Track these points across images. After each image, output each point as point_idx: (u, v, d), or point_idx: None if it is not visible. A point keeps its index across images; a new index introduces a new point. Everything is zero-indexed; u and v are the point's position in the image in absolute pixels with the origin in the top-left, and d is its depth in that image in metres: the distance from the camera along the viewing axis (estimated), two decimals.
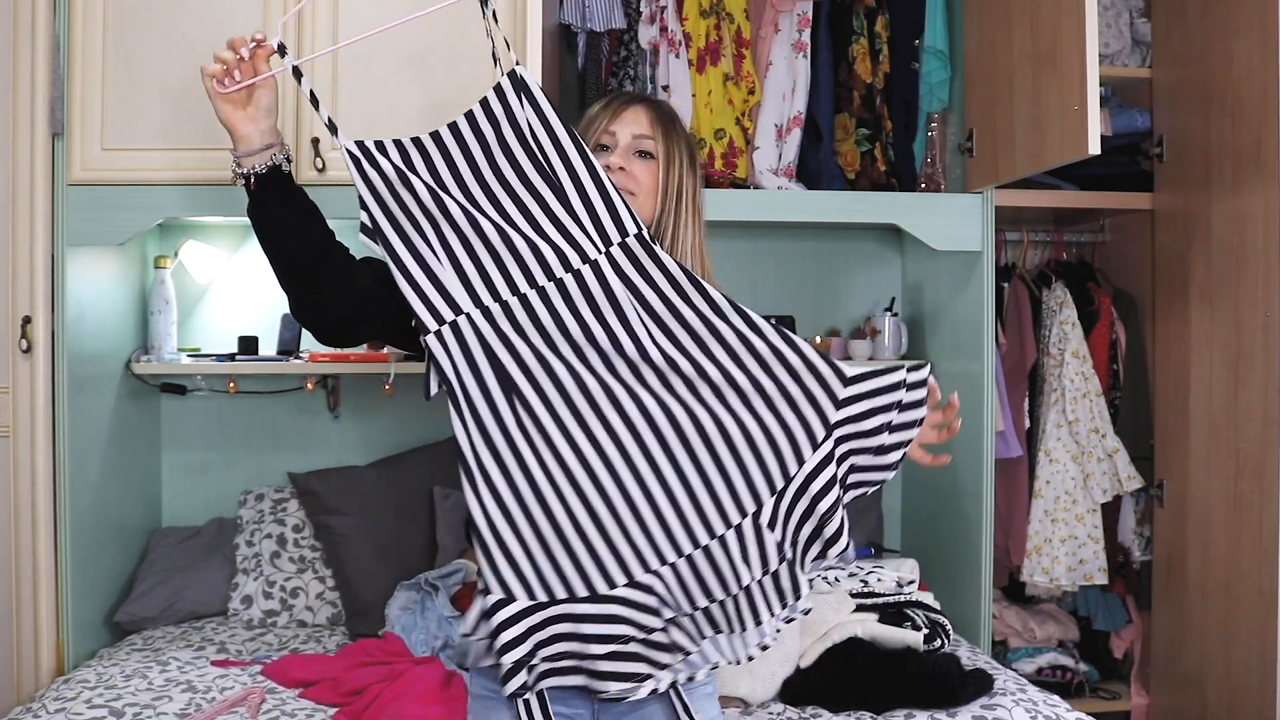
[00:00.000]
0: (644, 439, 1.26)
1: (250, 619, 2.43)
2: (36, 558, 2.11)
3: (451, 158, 1.34)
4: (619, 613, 1.27)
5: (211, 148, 2.14)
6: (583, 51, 2.50)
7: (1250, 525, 2.26)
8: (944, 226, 2.39)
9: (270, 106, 1.38)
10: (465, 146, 1.35)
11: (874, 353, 2.72)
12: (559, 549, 1.26)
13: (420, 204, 1.31)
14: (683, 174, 1.49)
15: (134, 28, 2.13)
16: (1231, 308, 2.33)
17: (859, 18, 2.54)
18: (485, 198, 1.33)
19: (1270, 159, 2.18)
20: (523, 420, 1.27)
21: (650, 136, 1.48)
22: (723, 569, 1.27)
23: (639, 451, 1.26)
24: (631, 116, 1.49)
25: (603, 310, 1.29)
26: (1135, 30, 2.70)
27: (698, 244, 1.50)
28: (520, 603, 1.25)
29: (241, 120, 1.37)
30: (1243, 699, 2.28)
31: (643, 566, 1.26)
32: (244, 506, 2.61)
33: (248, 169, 1.37)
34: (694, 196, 1.50)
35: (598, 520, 1.25)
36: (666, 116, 1.52)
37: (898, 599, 2.16)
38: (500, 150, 1.34)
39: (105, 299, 2.34)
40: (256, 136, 1.37)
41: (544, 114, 1.34)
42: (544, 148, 1.34)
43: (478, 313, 1.29)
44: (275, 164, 1.38)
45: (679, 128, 1.52)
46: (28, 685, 2.12)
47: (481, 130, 1.34)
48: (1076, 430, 2.63)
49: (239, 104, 1.37)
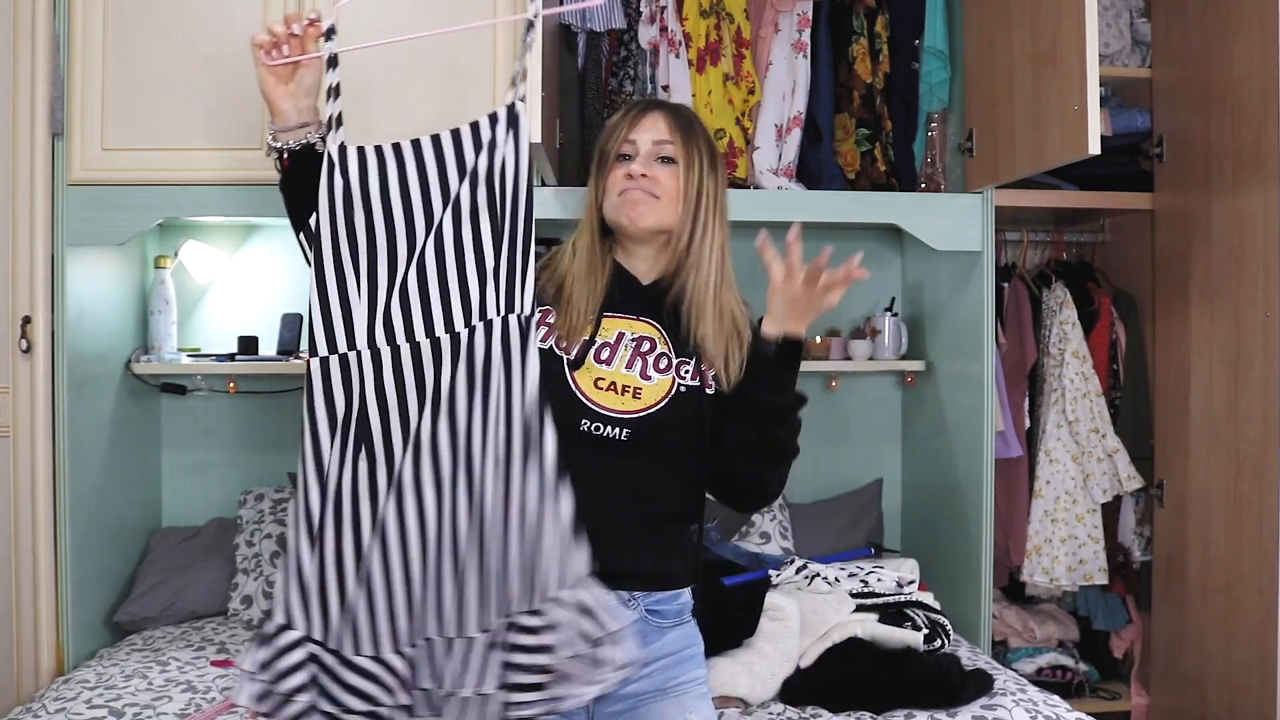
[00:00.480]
0: (436, 532, 1.27)
1: (250, 619, 2.43)
2: (36, 558, 2.11)
3: (408, 173, 1.34)
4: (372, 676, 1.28)
5: (212, 148, 2.15)
6: (583, 51, 2.50)
7: (1250, 525, 2.26)
8: (944, 226, 2.39)
9: (312, 86, 1.40)
10: (439, 160, 1.34)
11: (874, 353, 2.72)
12: (341, 602, 1.27)
13: (367, 227, 1.32)
14: (703, 177, 1.50)
15: (134, 28, 2.13)
16: (1231, 308, 2.33)
17: (859, 18, 2.54)
18: (424, 220, 1.33)
19: (1270, 159, 2.18)
20: (358, 474, 1.28)
21: (670, 141, 1.49)
22: (444, 670, 1.27)
23: (432, 543, 1.27)
24: (650, 123, 1.50)
25: (457, 380, 1.28)
26: (1135, 30, 2.70)
27: (720, 245, 1.51)
28: (298, 632, 1.28)
29: (282, 95, 1.39)
30: (1243, 699, 2.27)
31: (393, 645, 1.28)
32: (244, 506, 2.61)
33: (282, 144, 1.40)
34: (716, 198, 1.51)
35: (372, 592, 1.27)
36: (685, 121, 1.52)
37: (898, 599, 2.16)
38: (467, 175, 1.33)
39: (105, 299, 2.34)
40: (294, 113, 1.39)
41: (520, 158, 1.34)
42: (505, 188, 1.33)
43: (368, 353, 1.30)
44: (310, 143, 1.40)
45: (699, 130, 1.53)
46: (28, 685, 2.12)
47: (462, 148, 1.34)
48: (1076, 430, 2.63)
49: (282, 79, 1.38)
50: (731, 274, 1.53)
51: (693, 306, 1.48)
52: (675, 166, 1.49)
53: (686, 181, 1.48)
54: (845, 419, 2.90)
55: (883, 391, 2.92)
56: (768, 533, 2.64)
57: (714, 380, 1.49)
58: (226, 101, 2.14)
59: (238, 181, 2.16)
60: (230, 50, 2.14)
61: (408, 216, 1.33)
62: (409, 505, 1.27)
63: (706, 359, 1.48)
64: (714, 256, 1.50)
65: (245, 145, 2.15)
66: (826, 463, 2.88)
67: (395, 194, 1.33)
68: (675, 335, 1.49)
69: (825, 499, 2.84)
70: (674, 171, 1.48)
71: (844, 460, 2.90)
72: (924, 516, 2.78)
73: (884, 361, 2.73)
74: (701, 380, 1.48)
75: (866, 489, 2.85)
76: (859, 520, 2.77)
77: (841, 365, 2.70)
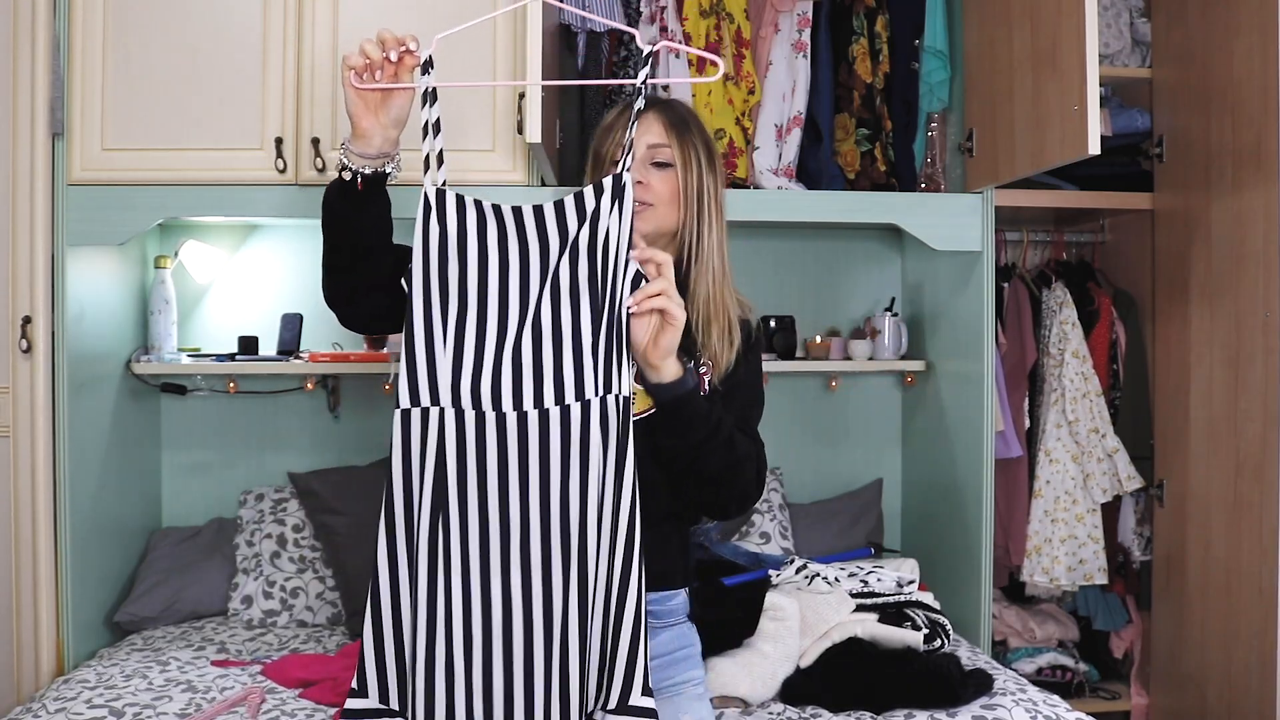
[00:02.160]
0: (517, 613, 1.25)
1: (250, 619, 2.43)
2: (36, 558, 2.11)
3: (508, 235, 1.30)
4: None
5: (212, 148, 2.15)
6: (583, 52, 2.50)
7: (1250, 525, 2.26)
8: (944, 226, 2.39)
9: (400, 118, 1.33)
10: (541, 229, 1.30)
11: (874, 353, 2.72)
12: (421, 674, 1.26)
13: (460, 278, 1.28)
14: (702, 177, 1.47)
15: (134, 28, 2.13)
16: (1231, 308, 2.33)
17: (859, 18, 2.54)
18: (519, 286, 1.29)
19: (1270, 159, 2.18)
20: (435, 538, 1.26)
21: (665, 145, 1.46)
22: None
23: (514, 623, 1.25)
24: (644, 126, 1.47)
25: (550, 457, 1.25)
26: (1135, 30, 2.70)
27: (720, 241, 1.49)
28: (372, 701, 1.28)
29: (370, 121, 1.32)
30: (1243, 699, 2.28)
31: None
32: (244, 506, 2.61)
33: (357, 168, 1.33)
34: (715, 196, 1.49)
35: (452, 670, 1.25)
36: (680, 120, 1.49)
37: (898, 599, 2.16)
38: (568, 246, 1.29)
39: (105, 299, 2.34)
40: (377, 141, 1.32)
41: (623, 230, 1.29)
42: (607, 262, 1.29)
43: (451, 411, 1.26)
44: (384, 172, 1.35)
45: (694, 128, 1.50)
46: (28, 685, 2.12)
47: (565, 218, 1.30)
48: (1076, 430, 2.63)
49: (371, 106, 1.32)
50: (731, 271, 1.52)
51: (705, 305, 1.47)
52: (671, 170, 1.47)
53: (686, 182, 1.47)
54: (845, 419, 2.91)
55: (883, 391, 2.92)
56: (768, 533, 2.64)
57: (709, 378, 1.48)
58: (226, 101, 2.15)
59: (238, 181, 2.17)
60: (230, 50, 2.14)
61: (503, 280, 1.29)
62: (494, 581, 1.24)
63: (709, 357, 1.47)
64: (716, 253, 1.49)
65: (245, 145, 2.15)
66: (826, 463, 2.89)
67: (494, 254, 1.29)
68: (695, 346, 1.48)
69: (825, 499, 2.84)
70: (669, 176, 1.47)
71: (844, 460, 2.90)
72: (924, 516, 2.78)
73: (884, 361, 2.73)
74: (699, 382, 1.47)
75: (866, 489, 2.85)
76: (859, 520, 2.77)
77: (841, 365, 2.70)
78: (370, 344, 2.54)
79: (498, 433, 1.25)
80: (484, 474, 1.25)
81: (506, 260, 1.29)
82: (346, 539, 2.43)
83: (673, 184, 1.47)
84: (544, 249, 1.29)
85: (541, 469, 1.24)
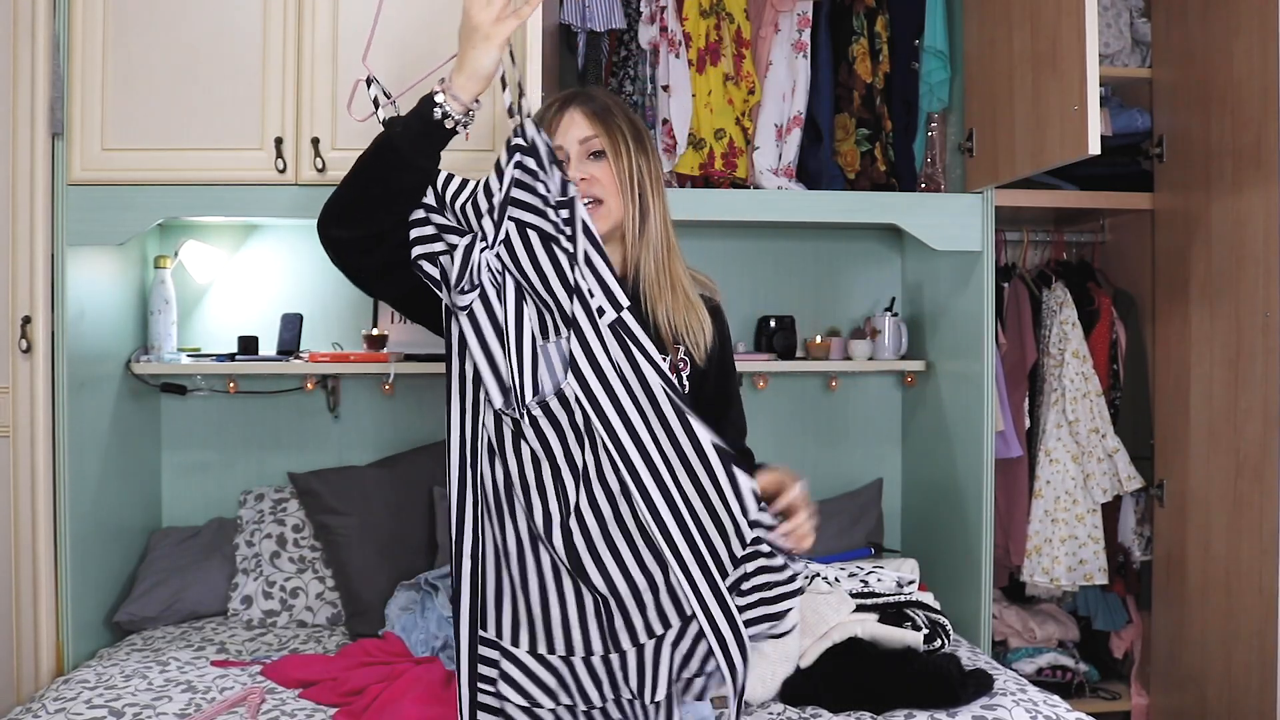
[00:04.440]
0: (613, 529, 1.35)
1: (250, 619, 2.43)
2: (36, 558, 2.11)
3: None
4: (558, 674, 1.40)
5: (212, 148, 2.15)
6: (583, 51, 2.50)
7: (1250, 525, 2.26)
8: (944, 226, 2.39)
9: (490, 74, 1.35)
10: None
11: (874, 353, 2.72)
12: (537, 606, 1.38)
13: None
14: (634, 159, 1.47)
15: (134, 28, 2.13)
16: (1231, 308, 2.33)
17: (859, 18, 2.54)
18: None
19: (1270, 159, 2.18)
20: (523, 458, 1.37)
21: (593, 135, 1.46)
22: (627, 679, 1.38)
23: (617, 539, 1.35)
24: (568, 122, 1.47)
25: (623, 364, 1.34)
26: (1135, 30, 2.70)
27: (662, 218, 1.49)
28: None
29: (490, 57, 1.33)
30: (1243, 699, 2.27)
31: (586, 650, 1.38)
32: (244, 506, 2.61)
33: (449, 109, 1.33)
34: (650, 174, 1.49)
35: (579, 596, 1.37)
36: (602, 109, 1.48)
37: (898, 599, 2.16)
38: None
39: (105, 299, 2.34)
40: (483, 81, 1.34)
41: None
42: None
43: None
44: (464, 123, 1.35)
45: (618, 114, 1.49)
46: (28, 685, 2.12)
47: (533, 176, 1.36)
48: (1076, 430, 2.63)
49: (501, 45, 1.34)
50: (677, 245, 1.51)
51: (649, 286, 1.47)
52: (605, 159, 1.46)
53: (619, 169, 1.46)
54: (845, 419, 2.91)
55: (883, 391, 2.92)
56: None
57: (686, 358, 1.49)
58: (226, 102, 2.14)
59: (238, 181, 2.16)
60: (230, 50, 2.14)
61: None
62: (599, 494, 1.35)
63: (675, 338, 1.48)
64: (659, 231, 1.48)
65: (245, 145, 2.15)
66: (826, 463, 2.89)
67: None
68: (648, 325, 1.47)
69: (825, 499, 2.84)
70: (606, 165, 1.46)
71: (844, 460, 2.90)
72: (924, 516, 2.78)
73: (884, 361, 2.73)
74: (677, 373, 1.48)
75: (866, 489, 2.85)
76: (859, 520, 2.76)
77: (841, 365, 2.70)
78: (370, 344, 2.54)
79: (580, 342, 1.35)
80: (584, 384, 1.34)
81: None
82: (346, 539, 2.43)
83: (610, 171, 1.46)
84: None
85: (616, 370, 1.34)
